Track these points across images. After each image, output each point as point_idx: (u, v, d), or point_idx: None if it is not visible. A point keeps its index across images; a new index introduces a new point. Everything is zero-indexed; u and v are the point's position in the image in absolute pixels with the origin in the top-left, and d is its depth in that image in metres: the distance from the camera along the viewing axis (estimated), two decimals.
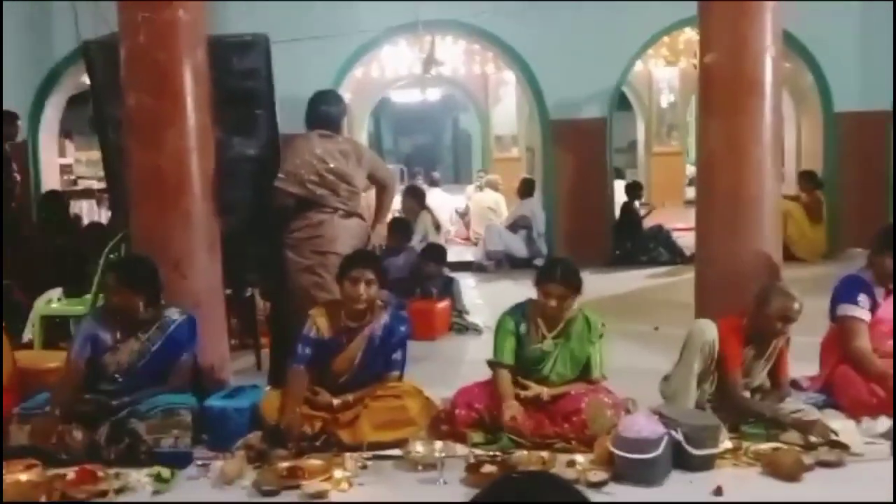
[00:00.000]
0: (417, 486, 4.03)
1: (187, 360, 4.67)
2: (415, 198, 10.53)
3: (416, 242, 9.00)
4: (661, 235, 11.10)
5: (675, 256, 10.61)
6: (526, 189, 11.26)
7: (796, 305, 4.54)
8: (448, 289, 7.65)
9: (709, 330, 4.61)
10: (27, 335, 6.48)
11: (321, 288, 5.20)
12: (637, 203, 11.59)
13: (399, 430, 4.46)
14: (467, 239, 12.97)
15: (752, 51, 5.38)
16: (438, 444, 4.26)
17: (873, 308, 4.84)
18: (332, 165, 5.36)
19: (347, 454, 4.27)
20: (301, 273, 5.30)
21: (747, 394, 4.65)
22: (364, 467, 4.20)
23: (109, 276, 4.74)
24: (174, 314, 4.68)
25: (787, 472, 3.98)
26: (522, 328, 4.64)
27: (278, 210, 5.33)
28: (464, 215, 13.78)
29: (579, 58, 10.25)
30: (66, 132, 12.38)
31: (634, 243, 10.90)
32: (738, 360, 4.60)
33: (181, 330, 4.66)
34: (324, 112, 5.54)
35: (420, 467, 4.17)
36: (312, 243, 5.31)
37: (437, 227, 10.77)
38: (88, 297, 6.18)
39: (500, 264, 10.69)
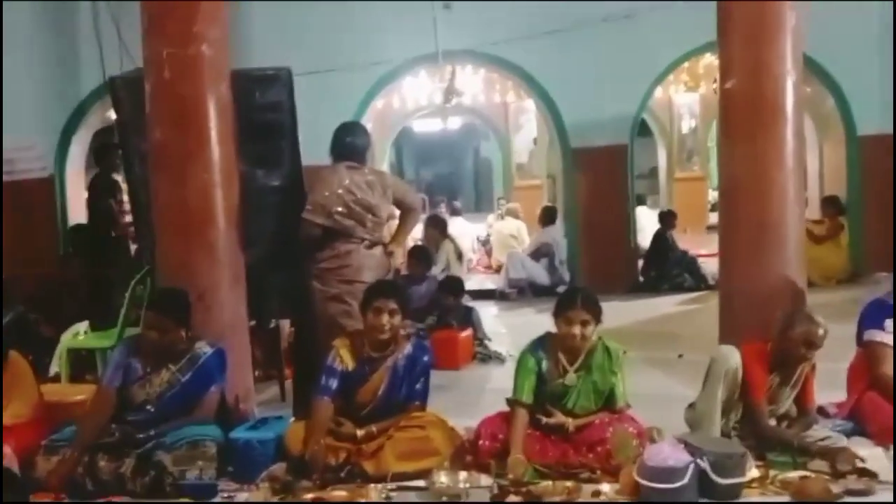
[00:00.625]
0: None
1: (215, 394, 4.71)
2: (436, 227, 10.54)
3: (438, 271, 9.01)
4: (685, 260, 11.04)
5: (700, 282, 10.55)
6: (547, 217, 11.26)
7: (821, 331, 4.50)
8: (468, 318, 7.65)
9: (732, 356, 4.58)
10: (54, 369, 6.54)
11: (349, 316, 5.21)
12: (670, 232, 11.47)
13: (423, 460, 4.45)
14: (489, 267, 12.97)
15: (773, 75, 5.37)
16: (462, 474, 4.25)
17: None
18: (358, 196, 5.38)
19: (371, 485, 4.28)
20: (328, 302, 5.32)
21: (773, 421, 4.61)
22: (388, 498, 4.20)
23: (150, 309, 4.77)
24: (203, 346, 4.74)
25: (815, 501, 3.93)
26: (544, 365, 4.60)
27: (305, 241, 5.36)
28: (485, 243, 13.79)
29: (599, 85, 10.28)
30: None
31: (659, 271, 10.85)
32: (763, 387, 4.57)
33: (211, 362, 4.71)
34: (350, 144, 5.57)
35: (444, 498, 4.15)
36: (339, 273, 5.33)
37: (460, 255, 10.77)
38: (115, 330, 6.23)
39: (522, 292, 10.67)
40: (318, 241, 5.35)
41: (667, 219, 11.54)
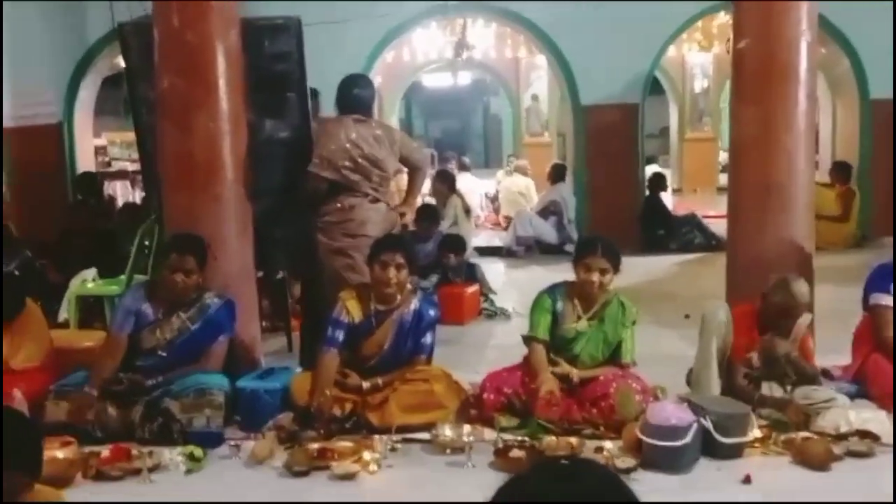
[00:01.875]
0: (445, 469, 4.07)
1: (223, 344, 4.74)
2: (445, 182, 10.50)
3: (446, 227, 9.00)
4: (693, 222, 11.01)
5: (709, 240, 10.50)
6: (556, 174, 11.20)
7: (797, 298, 4.58)
8: (472, 274, 7.66)
9: (720, 311, 4.67)
10: (63, 315, 6.58)
11: (353, 270, 5.22)
12: (662, 194, 11.40)
13: (428, 413, 4.48)
14: (497, 224, 12.95)
15: (787, 36, 5.31)
16: (466, 427, 4.30)
17: None
18: (365, 151, 5.34)
19: (376, 436, 4.31)
20: (333, 255, 5.32)
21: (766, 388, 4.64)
22: (393, 450, 4.23)
23: (175, 250, 4.73)
24: (212, 297, 4.76)
25: (817, 462, 3.96)
26: (559, 306, 4.66)
27: (310, 194, 5.35)
28: (494, 200, 13.75)
29: (612, 42, 10.18)
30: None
31: (667, 230, 10.81)
32: (744, 349, 4.64)
33: (221, 313, 4.74)
34: (356, 96, 5.51)
35: (448, 451, 4.20)
36: (344, 227, 5.32)
37: (468, 211, 10.74)
38: (123, 277, 6.26)
39: (529, 249, 10.66)
40: (323, 194, 5.34)
41: (657, 181, 11.46)
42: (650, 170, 11.95)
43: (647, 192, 11.12)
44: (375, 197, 5.41)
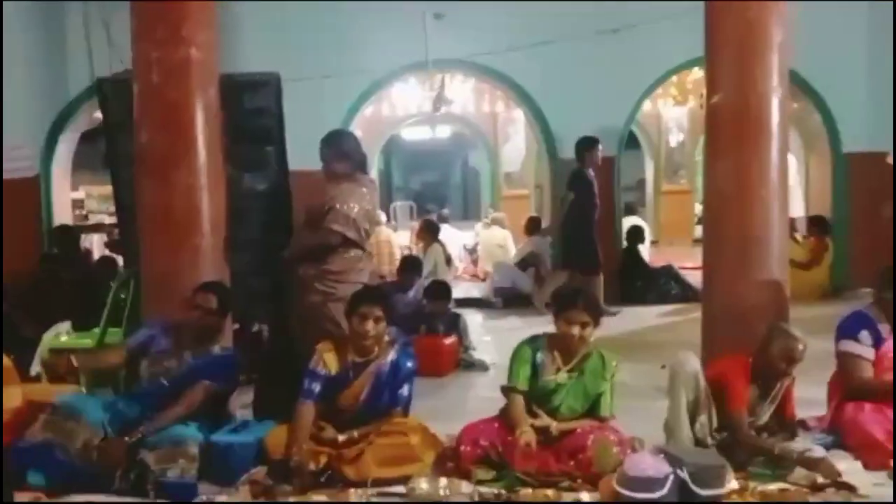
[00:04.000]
0: None
1: (200, 389, 4.70)
2: (429, 231, 10.64)
3: (424, 275, 9.02)
4: (670, 273, 11.08)
5: (686, 291, 10.54)
6: (532, 227, 11.29)
7: (800, 346, 4.56)
8: (454, 325, 7.64)
9: (689, 362, 4.67)
10: (35, 368, 6.50)
11: None
12: (640, 246, 11.51)
13: (404, 466, 4.44)
14: (475, 275, 12.99)
15: (759, 91, 5.42)
16: (443, 480, 4.27)
17: (877, 344, 4.83)
18: (372, 210, 5.58)
19: (352, 490, 4.27)
20: (333, 304, 5.30)
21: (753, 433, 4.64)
22: (368, 503, 4.19)
23: (203, 289, 4.88)
24: (216, 349, 4.87)
25: None
26: (539, 358, 4.66)
27: (319, 248, 5.35)
28: (472, 252, 13.81)
29: (588, 97, 10.31)
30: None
31: (644, 281, 10.87)
32: (744, 398, 4.61)
33: (217, 359, 4.84)
34: (362, 156, 5.65)
35: None
36: (346, 276, 5.37)
37: (449, 260, 10.84)
38: (96, 330, 6.21)
39: (508, 301, 10.68)
40: (332, 248, 5.37)
41: (635, 234, 11.56)
42: (629, 221, 12.05)
43: (626, 244, 11.20)
44: (369, 250, 5.64)
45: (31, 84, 9.97)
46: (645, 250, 11.92)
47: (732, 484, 4.18)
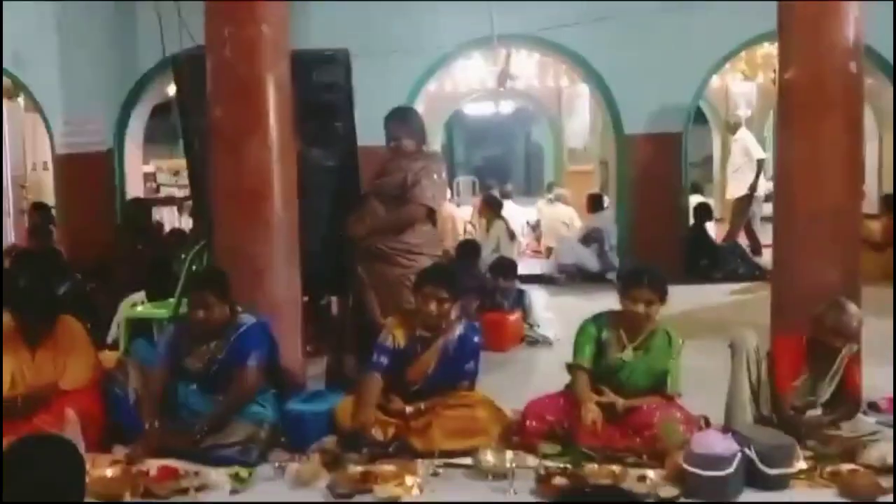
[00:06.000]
0: (488, 495, 4.08)
1: (252, 367, 4.66)
2: (491, 206, 10.62)
3: (489, 252, 9.03)
4: (737, 251, 10.96)
5: (753, 270, 10.42)
6: (593, 204, 11.24)
7: (853, 321, 4.49)
8: (520, 301, 7.67)
9: (748, 339, 4.65)
10: (112, 337, 6.70)
11: None
12: (707, 223, 11.37)
13: (470, 438, 4.50)
14: (538, 252, 12.97)
15: (832, 66, 5.30)
16: (509, 453, 4.30)
17: None
18: (444, 185, 5.76)
19: (419, 461, 4.35)
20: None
21: (819, 411, 4.59)
22: (435, 474, 4.26)
23: (193, 289, 4.86)
24: (246, 319, 4.76)
25: (864, 494, 3.92)
26: (604, 335, 4.67)
27: (406, 222, 5.48)
28: (535, 228, 13.78)
29: (655, 72, 10.17)
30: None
31: (710, 259, 10.76)
32: (790, 378, 4.59)
33: (246, 336, 4.71)
34: (425, 132, 5.80)
35: (490, 476, 4.21)
36: (428, 249, 5.53)
37: (512, 236, 10.82)
38: (171, 300, 6.37)
39: (571, 277, 10.66)
40: (415, 222, 5.49)
41: (702, 211, 11.41)
42: (695, 199, 11.91)
43: (693, 222, 11.09)
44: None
45: (103, 59, 10.24)
46: (711, 227, 11.77)
47: (801, 463, 4.16)
